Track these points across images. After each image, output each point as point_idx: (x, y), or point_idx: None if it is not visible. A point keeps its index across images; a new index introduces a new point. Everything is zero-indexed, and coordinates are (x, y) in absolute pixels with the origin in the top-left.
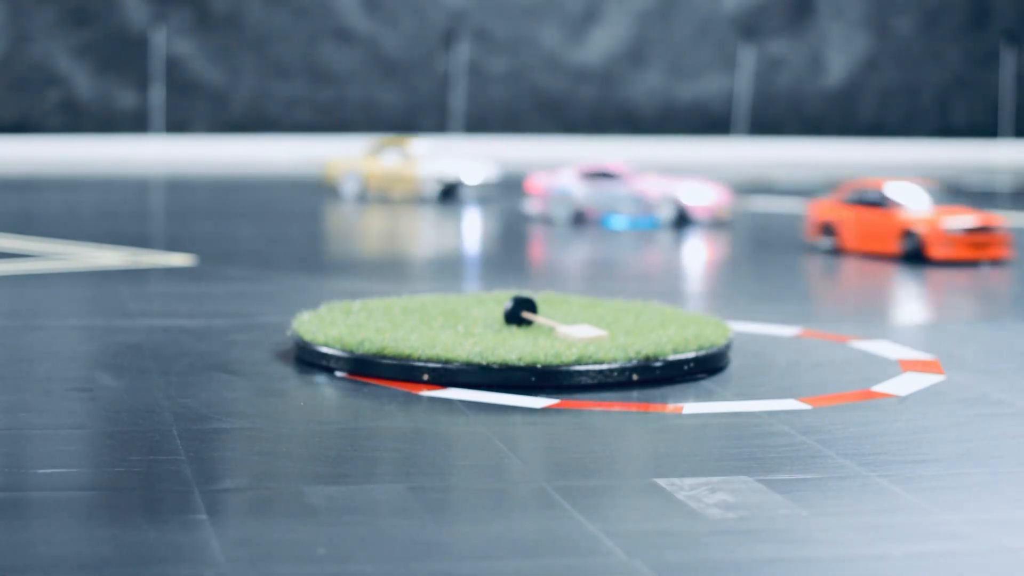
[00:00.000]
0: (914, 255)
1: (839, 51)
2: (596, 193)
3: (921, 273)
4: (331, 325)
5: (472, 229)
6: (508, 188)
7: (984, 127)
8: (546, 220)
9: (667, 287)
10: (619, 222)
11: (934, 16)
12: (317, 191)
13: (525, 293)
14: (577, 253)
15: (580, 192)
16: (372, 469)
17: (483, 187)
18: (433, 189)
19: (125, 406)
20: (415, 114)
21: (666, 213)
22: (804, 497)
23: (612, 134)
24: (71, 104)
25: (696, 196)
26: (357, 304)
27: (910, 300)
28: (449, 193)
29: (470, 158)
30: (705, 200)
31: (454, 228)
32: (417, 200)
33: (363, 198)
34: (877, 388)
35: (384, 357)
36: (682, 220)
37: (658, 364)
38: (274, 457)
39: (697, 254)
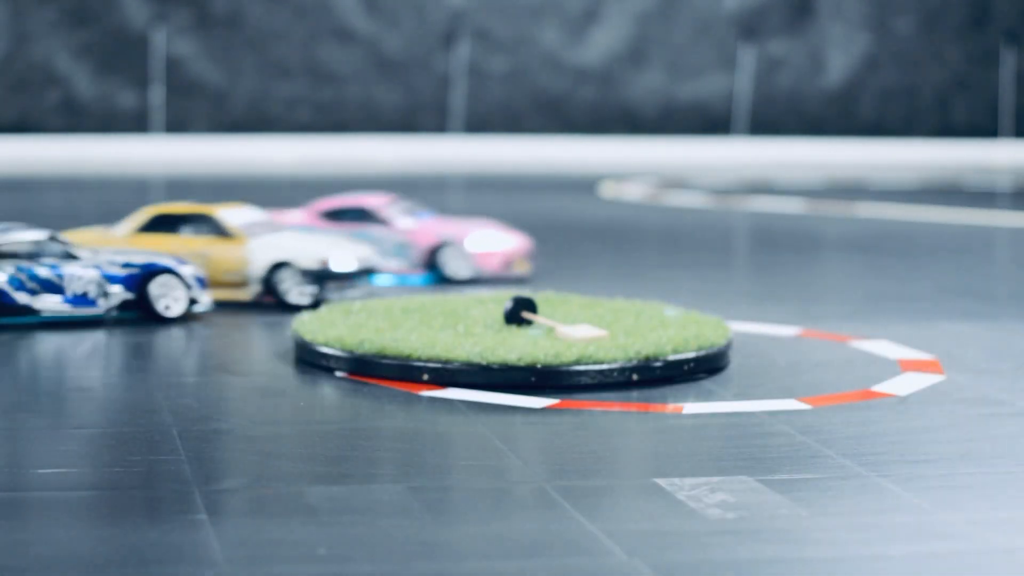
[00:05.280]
0: None
1: (839, 51)
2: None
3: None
4: (331, 325)
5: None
6: None
7: (984, 127)
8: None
9: (666, 289)
10: (382, 281)
11: (934, 16)
12: (317, 190)
13: (525, 293)
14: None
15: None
16: (372, 469)
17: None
18: None
19: (125, 406)
20: (415, 114)
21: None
22: (804, 497)
23: (612, 134)
24: (71, 104)
25: (483, 243)
26: (357, 304)
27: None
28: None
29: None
30: (495, 247)
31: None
32: None
33: None
34: (877, 388)
35: (384, 357)
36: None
37: (658, 364)
38: (274, 457)
39: None
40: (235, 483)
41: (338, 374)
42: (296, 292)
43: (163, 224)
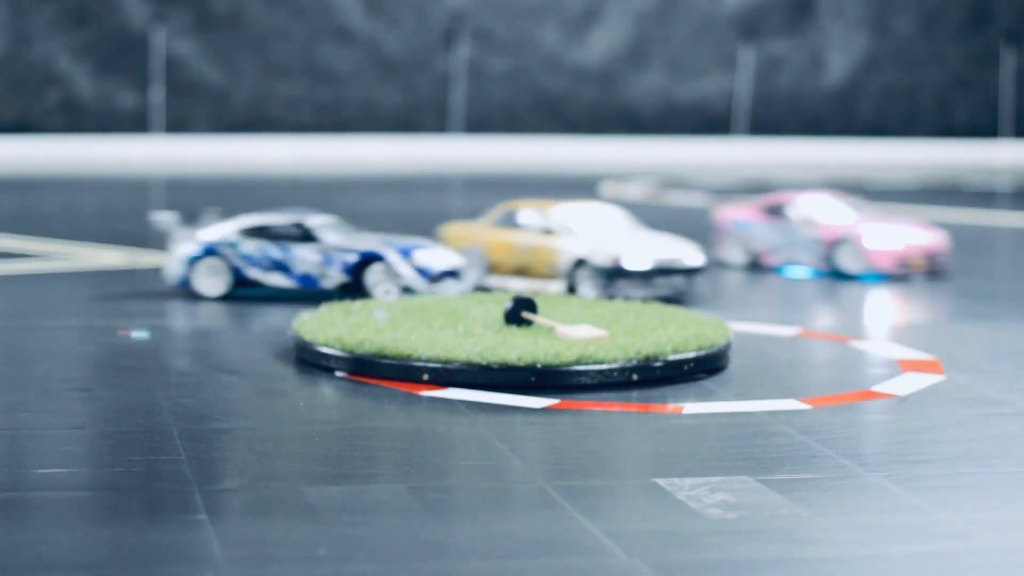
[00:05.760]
0: None
1: (839, 51)
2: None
3: None
4: (331, 325)
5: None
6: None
7: (984, 127)
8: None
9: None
10: (796, 273)
11: (934, 16)
12: (315, 190)
13: (525, 293)
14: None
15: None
16: (372, 469)
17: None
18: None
19: (125, 406)
20: (415, 114)
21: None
22: (804, 497)
23: (612, 134)
24: (71, 104)
25: (881, 240)
26: (357, 304)
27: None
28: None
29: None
30: (892, 244)
31: None
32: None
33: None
34: (877, 388)
35: (384, 357)
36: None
37: (658, 364)
38: (274, 457)
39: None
40: (235, 483)
41: (338, 374)
42: (588, 287)
43: (511, 218)
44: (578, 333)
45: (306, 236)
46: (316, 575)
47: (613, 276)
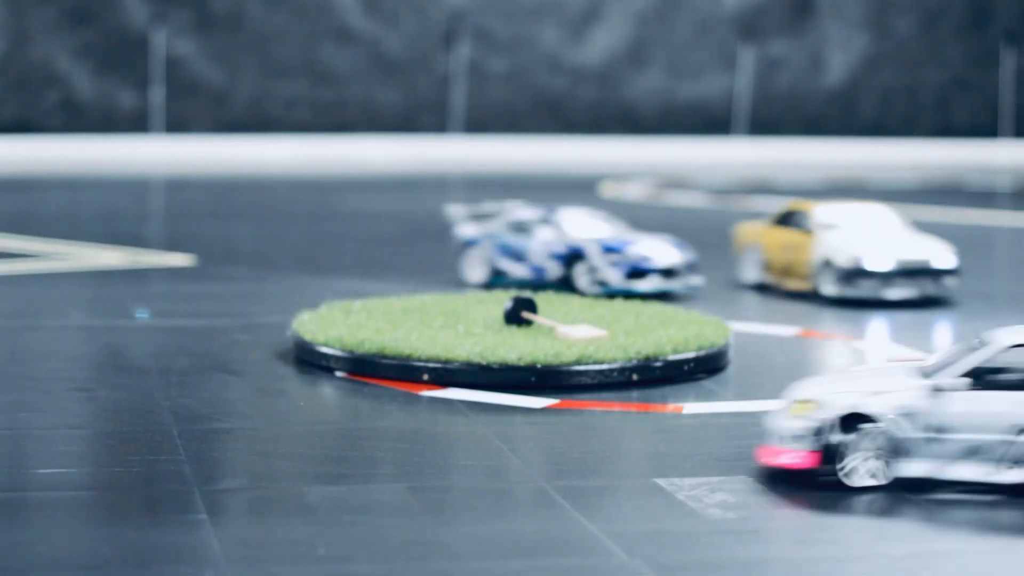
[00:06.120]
0: None
1: (839, 51)
2: None
3: None
4: (331, 325)
5: None
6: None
7: (984, 127)
8: None
9: None
10: None
11: (934, 16)
12: (315, 190)
13: (525, 293)
14: None
15: None
16: (372, 469)
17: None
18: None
19: (125, 406)
20: (415, 114)
21: None
22: (804, 497)
23: (612, 134)
24: (71, 104)
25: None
26: (357, 304)
27: None
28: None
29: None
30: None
31: None
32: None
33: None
34: None
35: (384, 357)
36: None
37: (658, 364)
38: (274, 457)
39: None
40: (235, 483)
41: (338, 374)
42: (830, 288)
43: (788, 218)
44: (578, 333)
45: (548, 228)
46: (316, 575)
47: (853, 277)
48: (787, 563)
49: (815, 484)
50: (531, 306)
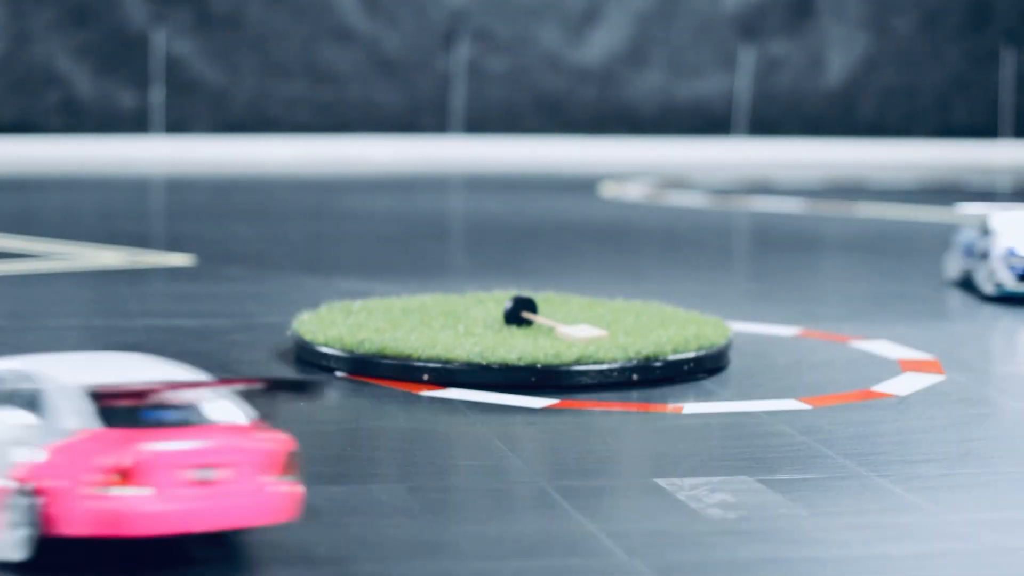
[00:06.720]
0: None
1: (839, 51)
2: None
3: None
4: (331, 325)
5: None
6: None
7: (984, 127)
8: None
9: (666, 289)
10: None
11: (934, 16)
12: (316, 191)
13: (525, 293)
14: None
15: None
16: (372, 469)
17: None
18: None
19: None
20: (415, 114)
21: None
22: (804, 497)
23: (612, 134)
24: (71, 104)
25: None
26: (357, 304)
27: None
28: None
29: None
30: None
31: None
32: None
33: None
34: (877, 388)
35: (384, 357)
36: None
37: (658, 364)
38: None
39: None
40: None
41: (338, 374)
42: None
43: None
44: (578, 333)
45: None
46: (316, 575)
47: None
48: (787, 563)
49: (815, 484)
50: (531, 306)
